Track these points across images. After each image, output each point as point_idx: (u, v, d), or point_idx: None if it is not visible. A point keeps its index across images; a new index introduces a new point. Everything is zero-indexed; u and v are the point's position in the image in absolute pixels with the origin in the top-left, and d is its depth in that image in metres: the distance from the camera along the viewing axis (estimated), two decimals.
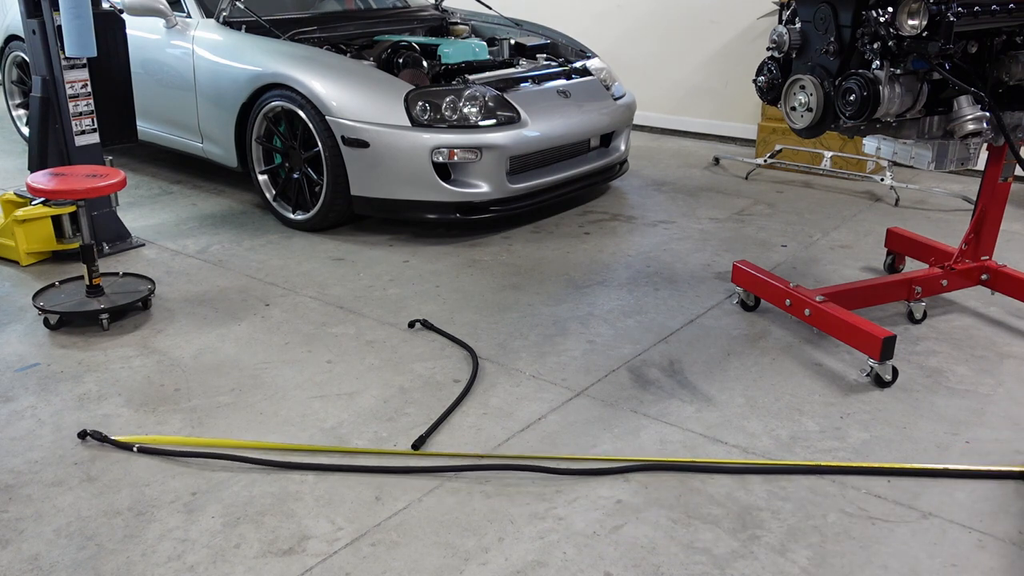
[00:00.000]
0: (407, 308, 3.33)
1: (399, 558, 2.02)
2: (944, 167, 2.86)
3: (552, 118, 4.13)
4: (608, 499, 2.23)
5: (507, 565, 2.00)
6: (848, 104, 2.60)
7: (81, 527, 2.11)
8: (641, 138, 6.12)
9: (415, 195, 3.89)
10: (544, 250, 3.97)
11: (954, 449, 2.47)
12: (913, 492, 2.27)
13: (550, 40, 5.00)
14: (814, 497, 2.25)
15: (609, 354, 3.00)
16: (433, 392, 2.73)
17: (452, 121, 3.87)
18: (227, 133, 4.31)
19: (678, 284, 3.60)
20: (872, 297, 3.17)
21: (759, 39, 5.71)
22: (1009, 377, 2.86)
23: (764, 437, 2.51)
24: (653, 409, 2.66)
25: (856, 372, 2.86)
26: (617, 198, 4.76)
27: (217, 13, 4.43)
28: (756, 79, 2.91)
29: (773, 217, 4.45)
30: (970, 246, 3.25)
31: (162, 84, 4.60)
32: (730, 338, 3.12)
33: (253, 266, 3.74)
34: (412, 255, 3.89)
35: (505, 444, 2.47)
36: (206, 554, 2.02)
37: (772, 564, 2.01)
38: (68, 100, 3.63)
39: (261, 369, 2.87)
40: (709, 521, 2.15)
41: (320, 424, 2.56)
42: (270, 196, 4.26)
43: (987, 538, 2.10)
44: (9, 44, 5.46)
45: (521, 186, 4.04)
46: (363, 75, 3.99)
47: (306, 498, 2.22)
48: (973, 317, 3.30)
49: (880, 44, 2.53)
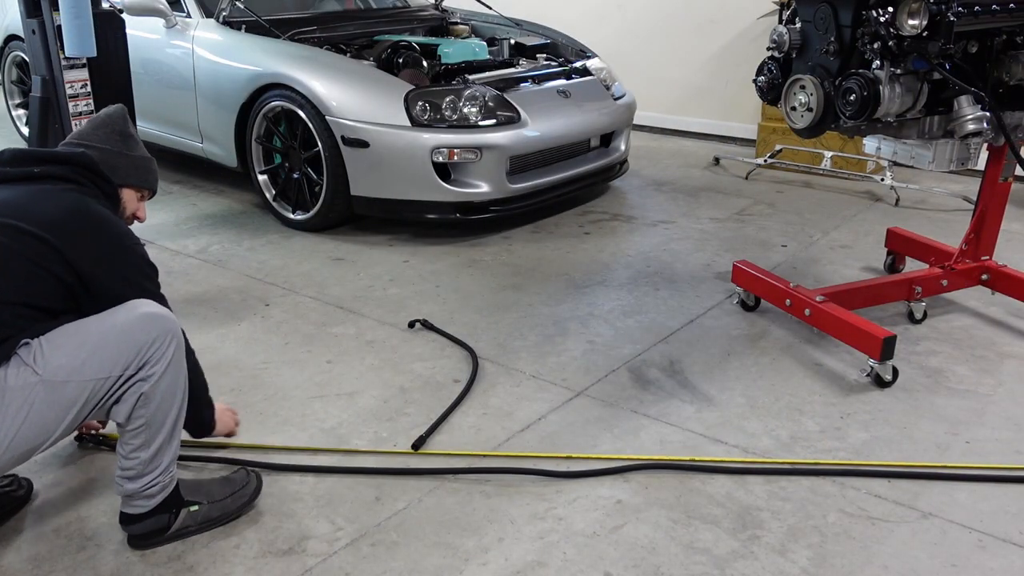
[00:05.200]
0: (407, 308, 3.33)
1: (399, 558, 2.02)
2: (944, 167, 2.86)
3: (552, 118, 4.13)
4: (608, 499, 2.23)
5: (507, 565, 2.00)
6: (848, 104, 2.60)
7: (80, 527, 2.10)
8: (641, 138, 6.12)
9: (415, 195, 3.89)
10: (544, 250, 3.97)
11: (954, 449, 2.47)
12: (913, 492, 2.27)
13: (550, 40, 5.00)
14: (814, 497, 2.25)
15: (609, 354, 3.00)
16: (433, 392, 2.73)
17: (452, 121, 3.87)
18: (227, 133, 4.31)
19: (678, 284, 3.60)
20: (872, 297, 3.17)
21: (759, 39, 5.70)
22: (1009, 377, 2.86)
23: (764, 437, 2.51)
24: (653, 409, 2.66)
25: (856, 372, 2.86)
26: (617, 198, 4.76)
27: (217, 13, 4.43)
28: (756, 79, 2.91)
29: (773, 217, 4.44)
30: (970, 246, 3.25)
31: (162, 84, 4.60)
32: (730, 338, 3.12)
33: (253, 266, 3.74)
34: (412, 255, 3.89)
35: (505, 444, 2.47)
36: (206, 554, 2.02)
37: (772, 564, 2.01)
38: (68, 100, 3.62)
39: (261, 369, 2.87)
40: (709, 521, 2.15)
41: (320, 424, 2.56)
42: (270, 196, 4.26)
43: (987, 538, 2.10)
44: (9, 44, 5.46)
45: (521, 186, 4.04)
46: (363, 75, 3.99)
47: (306, 498, 2.22)
48: (973, 317, 3.30)
49: (880, 44, 2.53)
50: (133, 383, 1.84)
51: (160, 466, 1.95)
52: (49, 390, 1.75)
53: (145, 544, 2.02)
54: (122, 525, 2.02)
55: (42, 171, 1.95)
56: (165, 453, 1.95)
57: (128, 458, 1.92)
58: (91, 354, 1.79)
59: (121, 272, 1.93)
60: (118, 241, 1.94)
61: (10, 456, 1.75)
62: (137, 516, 1.99)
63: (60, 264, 1.83)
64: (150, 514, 1.99)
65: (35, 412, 1.74)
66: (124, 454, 1.93)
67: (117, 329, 1.82)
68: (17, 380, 1.73)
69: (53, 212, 1.86)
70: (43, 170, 1.95)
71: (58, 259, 1.82)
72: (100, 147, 2.09)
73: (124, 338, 1.82)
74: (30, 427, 1.74)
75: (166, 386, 1.89)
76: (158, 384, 1.87)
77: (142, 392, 1.85)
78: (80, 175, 1.99)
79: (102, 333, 1.81)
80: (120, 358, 1.81)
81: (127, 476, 1.94)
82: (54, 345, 1.78)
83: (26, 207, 1.86)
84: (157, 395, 1.88)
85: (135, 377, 1.84)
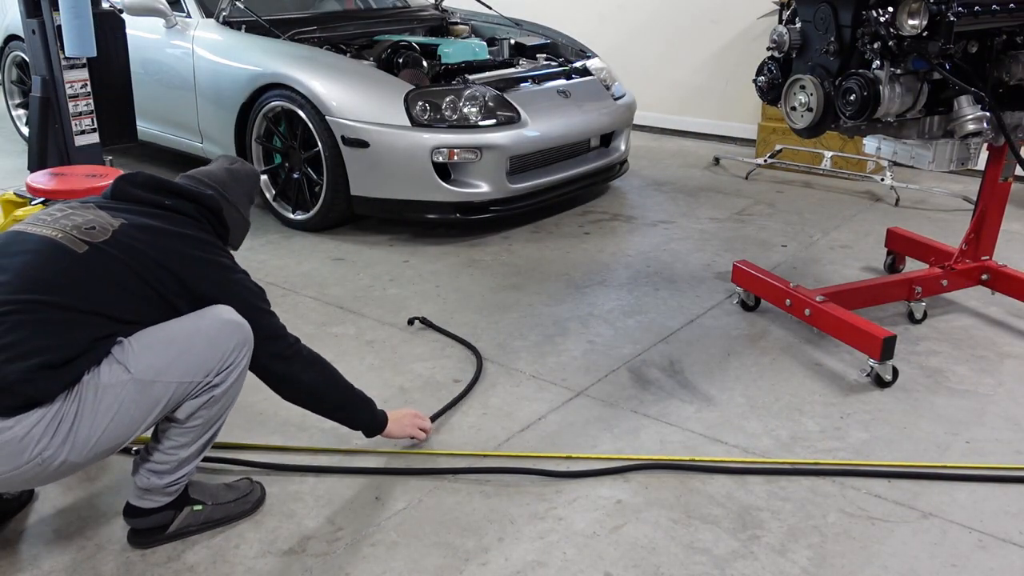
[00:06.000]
0: (407, 308, 3.33)
1: (399, 558, 2.02)
2: (944, 167, 2.86)
3: (552, 118, 4.13)
4: (608, 499, 2.23)
5: (507, 565, 2.00)
6: (848, 104, 2.60)
7: (81, 527, 2.10)
8: (641, 138, 6.12)
9: (415, 195, 3.89)
10: (544, 250, 3.96)
11: (954, 449, 2.47)
12: (913, 492, 2.27)
13: (550, 40, 5.00)
14: (814, 497, 2.25)
15: (609, 354, 3.00)
16: (433, 392, 2.73)
17: (452, 121, 3.87)
18: (227, 133, 4.31)
19: (678, 284, 3.60)
20: (872, 297, 3.17)
21: (759, 39, 5.70)
22: (1009, 377, 2.86)
23: (764, 437, 2.51)
24: (653, 409, 2.66)
25: (856, 372, 2.86)
26: (617, 198, 4.76)
27: (217, 13, 4.43)
28: (756, 79, 2.91)
29: (773, 217, 4.44)
30: (970, 246, 3.25)
31: (162, 84, 4.60)
32: (730, 338, 3.12)
33: (253, 266, 3.74)
34: (412, 255, 3.89)
35: (505, 444, 2.47)
36: (206, 554, 2.02)
37: (772, 564, 2.01)
38: (68, 100, 3.63)
39: None
40: (709, 521, 2.15)
41: (320, 424, 2.55)
42: (270, 196, 4.26)
43: (987, 538, 2.10)
44: (9, 44, 5.46)
45: (521, 186, 4.04)
46: (363, 75, 3.99)
47: (306, 498, 2.22)
48: (973, 317, 3.30)
49: (880, 44, 2.53)
50: (209, 387, 1.88)
51: (188, 466, 1.98)
52: (138, 388, 1.78)
53: (145, 542, 2.02)
54: (126, 517, 2.03)
55: (173, 204, 1.99)
56: (197, 456, 1.99)
57: (167, 453, 1.94)
58: (178, 356, 1.82)
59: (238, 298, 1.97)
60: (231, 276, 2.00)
61: (95, 452, 1.77)
62: (144, 510, 2.00)
63: (178, 295, 1.88)
64: (158, 510, 2.00)
65: (124, 409, 1.77)
66: (163, 449, 1.94)
67: (203, 334, 1.86)
68: (111, 377, 1.75)
69: (179, 246, 1.91)
70: (174, 203, 2.00)
71: (178, 289, 1.88)
72: (233, 203, 2.15)
73: (210, 344, 1.86)
74: (118, 424, 1.77)
75: (233, 391, 1.94)
76: (229, 389, 1.92)
77: (213, 395, 1.89)
78: (205, 216, 2.04)
79: (189, 337, 1.85)
80: (206, 364, 1.85)
81: (157, 471, 1.95)
82: (144, 344, 1.81)
83: (155, 237, 1.89)
84: (225, 399, 1.93)
85: (214, 381, 1.88)
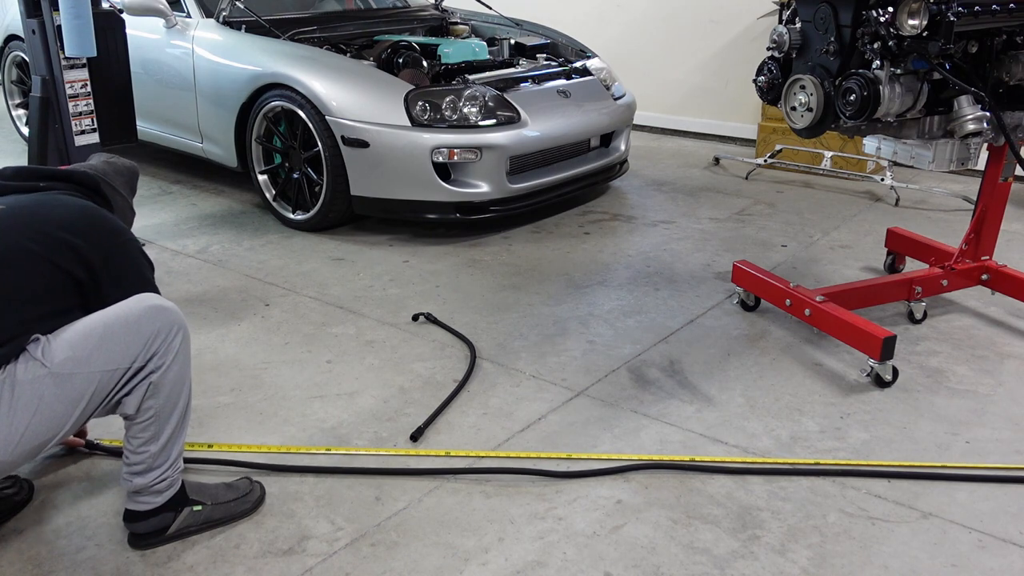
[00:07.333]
0: (407, 308, 3.33)
1: (399, 558, 2.02)
2: (944, 167, 2.86)
3: (552, 118, 4.13)
4: (608, 499, 2.23)
5: (507, 565, 2.00)
6: (848, 104, 2.60)
7: (81, 527, 2.10)
8: (641, 138, 6.12)
9: (415, 195, 3.89)
10: (544, 250, 3.97)
11: (954, 449, 2.47)
12: (913, 492, 2.27)
13: (550, 40, 5.00)
14: (814, 497, 2.25)
15: (609, 354, 3.00)
16: (433, 392, 2.73)
17: (452, 121, 3.87)
18: (227, 133, 4.31)
19: (678, 284, 3.60)
20: (872, 297, 3.17)
21: (759, 39, 5.71)
22: (1009, 377, 2.86)
23: (764, 437, 2.51)
24: (653, 409, 2.66)
25: (856, 372, 2.86)
26: (617, 198, 4.76)
27: (217, 13, 4.43)
28: (756, 79, 2.91)
29: (773, 217, 4.44)
30: (970, 246, 3.25)
31: (162, 84, 4.60)
32: (730, 338, 3.12)
33: (253, 266, 3.74)
34: (412, 255, 3.89)
35: (505, 444, 2.47)
36: (206, 554, 2.02)
37: (772, 564, 2.01)
38: (68, 100, 3.62)
39: (261, 369, 2.87)
40: (709, 521, 2.15)
41: (320, 424, 2.56)
42: (270, 196, 4.26)
43: (987, 538, 2.10)
44: (9, 44, 5.45)
45: (521, 186, 4.04)
46: (363, 75, 3.99)
47: (306, 498, 2.22)
48: (973, 317, 3.30)
49: (880, 44, 2.53)
50: (143, 375, 1.87)
51: (169, 460, 1.97)
52: (58, 383, 1.76)
53: (146, 543, 2.02)
54: (126, 523, 2.03)
55: (47, 186, 2.02)
56: (174, 446, 1.97)
57: (137, 452, 1.94)
58: (98, 346, 1.81)
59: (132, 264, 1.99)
60: (124, 236, 2.01)
61: (22, 451, 1.76)
62: (143, 513, 2.00)
63: (75, 261, 1.86)
64: (156, 512, 2.00)
65: (45, 405, 1.75)
66: (133, 448, 1.94)
67: (123, 321, 1.85)
68: (26, 374, 1.74)
69: (63, 212, 1.92)
70: (48, 185, 2.02)
71: (73, 256, 1.86)
72: (115, 187, 2.18)
73: (131, 330, 1.84)
74: (41, 421, 1.76)
75: (174, 376, 1.92)
76: (166, 374, 1.89)
77: (151, 382, 1.88)
78: (81, 191, 2.06)
79: (108, 326, 1.84)
80: (128, 350, 1.84)
81: (136, 471, 1.95)
82: (61, 338, 1.80)
83: (37, 210, 1.91)
84: (166, 385, 1.90)
85: (144, 369, 1.87)
